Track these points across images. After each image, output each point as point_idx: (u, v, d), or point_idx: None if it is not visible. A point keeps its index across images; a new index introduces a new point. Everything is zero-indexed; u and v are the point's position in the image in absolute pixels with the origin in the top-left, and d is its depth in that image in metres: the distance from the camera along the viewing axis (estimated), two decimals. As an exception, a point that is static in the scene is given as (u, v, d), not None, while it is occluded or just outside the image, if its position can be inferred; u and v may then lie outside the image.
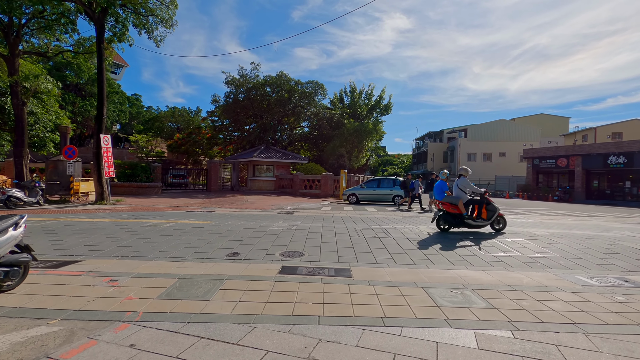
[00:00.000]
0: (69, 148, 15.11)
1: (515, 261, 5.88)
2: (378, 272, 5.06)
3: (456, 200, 8.51)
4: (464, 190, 8.60)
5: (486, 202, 8.51)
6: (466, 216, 8.44)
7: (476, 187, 8.67)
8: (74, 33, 16.75)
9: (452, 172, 48.95)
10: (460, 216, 8.46)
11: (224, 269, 5.01)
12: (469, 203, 8.58)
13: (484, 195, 8.54)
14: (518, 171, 44.25)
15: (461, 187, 8.65)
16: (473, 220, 8.45)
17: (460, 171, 8.91)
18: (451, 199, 8.62)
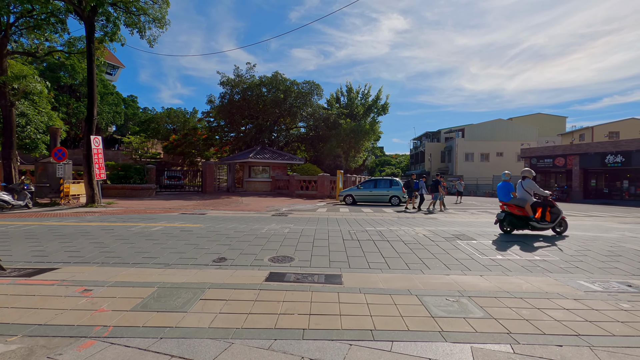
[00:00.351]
0: (59, 150, 14.80)
1: (514, 265, 5.65)
2: (370, 278, 4.82)
3: (523, 202, 8.34)
4: (530, 192, 8.44)
5: (550, 204, 8.33)
6: (532, 218, 8.25)
7: (542, 190, 8.51)
8: (64, 33, 16.47)
9: (449, 172, 48.90)
10: (526, 218, 8.31)
11: (208, 276, 4.75)
12: (533, 205, 8.40)
13: (548, 197, 8.42)
14: (516, 171, 44.11)
15: (527, 189, 8.48)
16: (538, 222, 8.25)
17: (525, 173, 8.71)
18: (517, 201, 8.44)
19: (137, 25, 16.91)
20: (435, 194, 16.17)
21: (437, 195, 16.07)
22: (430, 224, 10.37)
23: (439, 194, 15.98)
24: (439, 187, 16.07)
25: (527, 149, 35.80)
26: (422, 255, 6.22)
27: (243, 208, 15.47)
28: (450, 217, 12.86)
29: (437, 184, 16.34)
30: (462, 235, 8.19)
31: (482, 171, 45.24)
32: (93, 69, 14.97)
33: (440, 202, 16.02)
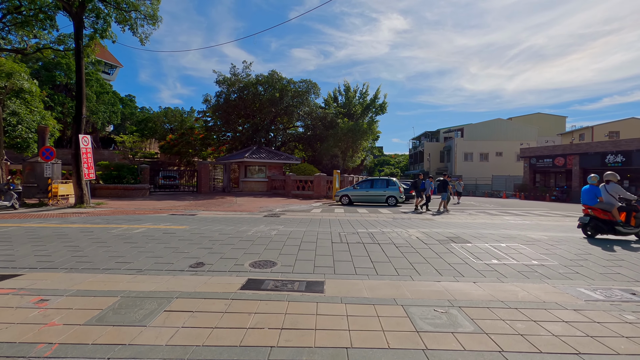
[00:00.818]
0: (47, 149, 14.45)
1: (510, 270, 5.31)
2: (355, 285, 4.48)
3: (609, 207, 8.03)
4: (615, 196, 8.11)
5: (635, 209, 7.99)
6: (619, 223, 7.92)
7: (629, 194, 8.17)
8: (53, 29, 16.12)
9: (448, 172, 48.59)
10: (611, 223, 8.00)
11: (180, 283, 4.42)
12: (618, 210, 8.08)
13: (632, 202, 8.12)
14: (515, 171, 43.80)
15: (612, 193, 8.14)
16: (624, 227, 7.93)
17: (608, 176, 8.35)
18: (604, 205, 8.11)
19: (129, 22, 16.58)
20: (443, 194, 15.78)
21: (444, 195, 15.70)
22: (425, 226, 10.04)
23: (446, 193, 15.64)
24: (449, 187, 15.71)
25: (526, 149, 35.47)
26: (413, 259, 5.88)
27: (236, 209, 15.13)
28: (446, 218, 12.53)
29: (445, 184, 15.91)
30: (457, 237, 7.85)
31: (481, 171, 44.93)
32: (82, 66, 14.62)
33: (443, 202, 15.67)
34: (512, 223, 11.33)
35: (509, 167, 45.46)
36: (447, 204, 15.79)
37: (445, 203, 15.67)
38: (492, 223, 11.25)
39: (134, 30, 16.81)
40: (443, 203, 15.67)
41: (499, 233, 8.66)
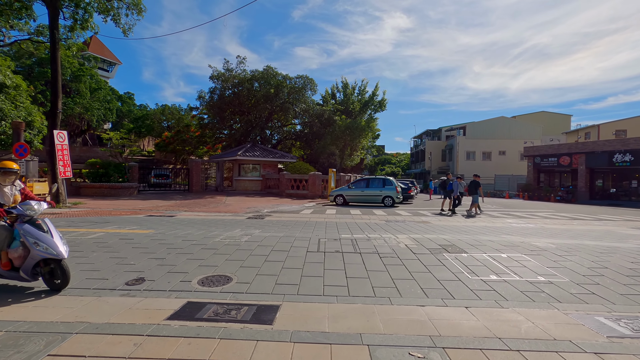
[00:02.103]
0: (20, 145, 13.59)
1: (512, 290, 4.39)
2: (317, 312, 3.59)
3: None
4: None
5: None
6: None
7: None
8: (30, 19, 15.27)
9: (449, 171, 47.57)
10: None
11: (97, 309, 3.54)
12: None
13: None
14: (518, 170, 42.72)
15: None
16: None
17: None
18: None
19: (111, 12, 15.73)
20: (475, 195, 14.62)
21: (475, 197, 14.57)
22: (418, 231, 9.12)
23: (477, 195, 14.54)
24: (479, 189, 14.63)
25: (530, 148, 34.40)
26: (397, 274, 4.97)
27: (221, 209, 14.27)
28: (443, 221, 11.59)
29: (476, 185, 14.70)
30: (451, 246, 6.92)
31: (483, 170, 43.77)
32: (57, 57, 13.78)
33: (476, 205, 14.58)
34: (514, 227, 10.39)
35: (512, 167, 44.37)
36: (478, 206, 14.76)
37: (476, 205, 14.62)
38: (493, 227, 10.31)
39: (116, 20, 15.96)
40: (475, 205, 14.62)
41: (499, 240, 7.73)
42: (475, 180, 15.00)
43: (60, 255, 3.81)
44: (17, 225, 3.90)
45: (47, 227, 3.96)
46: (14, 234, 3.96)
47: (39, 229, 3.88)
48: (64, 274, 3.98)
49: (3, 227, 3.97)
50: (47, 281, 4.01)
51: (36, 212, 3.99)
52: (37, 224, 3.93)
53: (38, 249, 3.75)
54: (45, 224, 3.99)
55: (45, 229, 3.91)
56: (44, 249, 3.76)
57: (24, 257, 3.84)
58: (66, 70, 38.15)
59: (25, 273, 3.86)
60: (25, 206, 3.95)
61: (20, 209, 3.90)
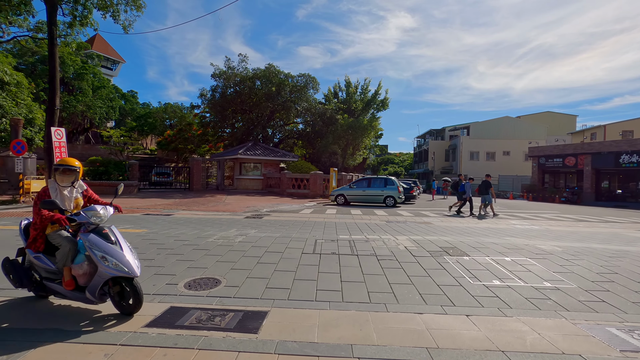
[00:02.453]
0: (18, 142, 13.51)
1: (516, 296, 4.14)
2: (307, 319, 3.36)
3: None
4: None
5: None
6: None
7: None
8: (29, 15, 15.14)
9: (453, 172, 47.15)
10: None
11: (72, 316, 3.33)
12: None
13: None
14: (523, 170, 42.26)
15: None
16: None
17: None
18: None
19: (110, 8, 15.57)
20: (485, 196, 14.23)
21: (487, 197, 14.16)
22: (419, 232, 8.86)
23: (488, 196, 14.15)
24: (491, 190, 14.22)
25: (535, 148, 33.95)
26: (395, 278, 4.73)
27: (219, 208, 14.08)
28: (445, 222, 11.32)
29: (487, 185, 14.30)
30: (452, 248, 6.66)
31: (487, 170, 43.20)
32: (55, 53, 13.64)
33: (491, 205, 14.21)
34: (518, 228, 10.10)
35: (516, 167, 43.89)
36: (492, 207, 14.37)
37: (487, 206, 14.28)
38: (496, 228, 10.03)
39: (115, 17, 15.80)
40: (488, 206, 14.26)
41: (503, 242, 7.45)
42: (486, 180, 14.55)
43: (132, 272, 3.13)
44: (81, 235, 3.25)
45: (115, 237, 3.31)
46: (78, 245, 3.31)
47: (106, 240, 3.21)
48: (137, 294, 3.24)
49: (67, 238, 3.31)
50: (116, 304, 3.33)
51: (102, 218, 3.33)
52: (103, 234, 3.26)
53: (106, 265, 3.08)
54: (113, 233, 3.35)
55: (113, 240, 3.26)
56: (114, 265, 3.09)
57: (90, 274, 3.20)
58: (69, 68, 38.19)
59: (92, 294, 3.18)
60: (90, 212, 3.26)
61: (84, 215, 3.23)
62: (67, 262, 3.24)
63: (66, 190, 3.51)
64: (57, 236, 3.33)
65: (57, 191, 3.45)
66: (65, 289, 3.25)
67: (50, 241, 3.39)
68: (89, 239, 3.18)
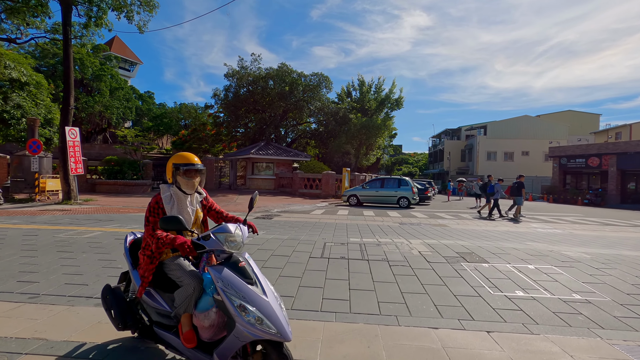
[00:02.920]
0: (34, 142, 13.71)
1: (542, 310, 3.75)
2: (311, 332, 3.08)
3: None
4: None
5: None
6: None
7: None
8: (45, 17, 15.37)
9: (469, 172, 46.11)
10: None
11: (64, 322, 3.14)
12: None
13: None
14: (543, 171, 40.93)
15: None
16: None
17: None
18: None
19: (124, 9, 15.67)
20: (517, 197, 13.44)
21: (519, 199, 13.41)
22: (434, 235, 8.46)
23: (521, 198, 13.40)
24: (522, 191, 13.47)
25: (556, 148, 32.76)
26: (408, 287, 4.40)
27: (230, 208, 13.95)
28: (462, 225, 10.85)
29: (519, 186, 13.57)
30: (470, 254, 6.26)
31: (505, 171, 42.11)
32: (70, 54, 13.78)
33: (518, 208, 13.41)
34: (540, 232, 9.56)
35: (536, 168, 42.53)
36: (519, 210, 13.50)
37: (518, 209, 13.43)
38: (517, 232, 9.52)
39: (129, 17, 15.90)
40: (516, 208, 13.46)
41: (525, 248, 6.99)
42: (520, 181, 13.75)
43: (283, 335, 2.03)
44: (210, 269, 2.17)
45: (254, 273, 2.20)
46: (204, 282, 2.27)
47: (244, 278, 2.12)
48: None
49: (190, 273, 2.30)
50: None
51: (238, 244, 2.24)
52: (239, 269, 2.16)
53: (247, 321, 1.98)
54: (251, 268, 2.23)
55: (252, 279, 2.16)
56: (257, 322, 1.98)
57: (218, 325, 2.21)
58: (88, 70, 39.04)
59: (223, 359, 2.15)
60: (223, 234, 2.18)
61: (215, 240, 2.16)
62: (188, 307, 2.24)
63: (187, 199, 2.57)
64: (176, 267, 2.35)
65: (174, 201, 2.48)
66: (184, 345, 2.23)
67: (166, 272, 2.42)
68: (223, 276, 2.09)
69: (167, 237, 2.22)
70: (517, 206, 13.47)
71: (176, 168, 2.49)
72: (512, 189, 13.91)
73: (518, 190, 13.54)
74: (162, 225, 2.13)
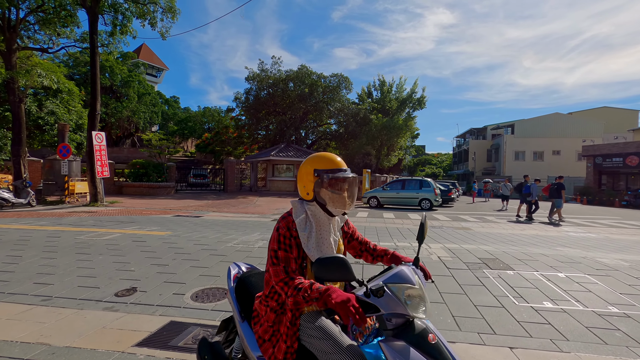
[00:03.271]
0: (64, 146, 14.31)
1: (573, 324, 3.41)
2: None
3: None
4: None
5: None
6: None
7: None
8: (74, 26, 16.06)
9: (496, 173, 44.51)
10: None
11: (70, 327, 3.13)
12: None
13: None
14: (575, 171, 38.89)
15: None
16: None
17: None
18: None
19: (148, 16, 16.15)
20: (557, 200, 12.70)
21: (558, 202, 12.69)
22: (456, 239, 8.08)
23: (560, 200, 12.67)
24: (563, 193, 12.75)
25: (590, 147, 31.01)
26: (424, 295, 4.14)
27: (249, 210, 14.01)
28: (487, 228, 10.36)
29: (559, 188, 12.84)
30: (493, 260, 5.89)
31: (534, 172, 40.25)
32: (96, 61, 14.28)
33: (558, 211, 12.74)
34: (572, 237, 8.96)
35: (568, 168, 40.45)
36: (559, 213, 12.81)
37: (558, 211, 12.75)
38: (546, 236, 8.97)
39: (152, 24, 16.36)
40: (556, 211, 12.78)
41: (554, 254, 6.53)
42: (559, 182, 12.97)
43: None
44: (385, 346, 1.38)
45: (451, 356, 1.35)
46: None
47: None
48: None
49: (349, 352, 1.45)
50: None
51: (422, 301, 1.44)
52: (431, 347, 1.34)
53: None
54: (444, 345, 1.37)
55: None
56: None
57: None
58: (117, 77, 40.65)
59: None
60: (402, 286, 1.43)
61: (392, 295, 1.41)
62: None
63: (330, 224, 1.78)
64: (318, 333, 1.56)
65: (313, 227, 1.68)
66: None
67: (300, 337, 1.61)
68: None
69: (313, 288, 1.44)
70: (557, 209, 12.66)
71: (318, 175, 1.69)
72: (551, 190, 13.09)
73: (558, 192, 12.71)
74: (317, 272, 1.39)
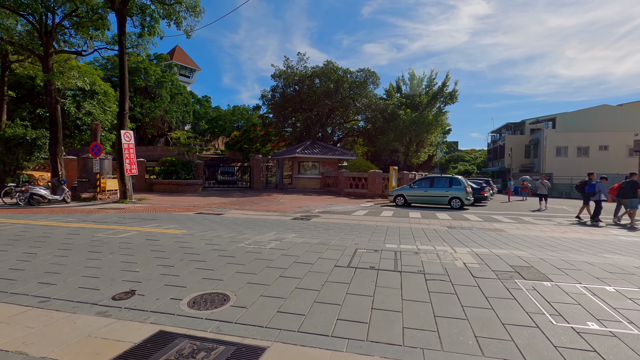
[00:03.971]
0: (95, 145, 14.87)
1: (625, 352, 2.82)
2: (311, 366, 2.56)
3: None
4: None
5: None
6: None
7: None
8: (105, 29, 16.60)
9: (534, 169, 41.93)
10: None
11: (55, 333, 2.98)
12: None
13: None
14: (626, 168, 35.72)
15: None
16: None
17: None
18: None
19: (173, 16, 16.41)
20: (631, 200, 11.28)
21: (633, 202, 11.26)
22: (486, 242, 7.41)
23: (636, 200, 11.21)
24: (638, 191, 11.20)
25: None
26: (443, 308, 3.66)
27: (271, 208, 13.88)
28: (522, 230, 9.52)
29: (633, 186, 11.33)
30: (528, 268, 5.25)
31: (578, 168, 37.51)
32: (124, 61, 14.67)
33: (632, 212, 11.28)
34: (623, 241, 7.98)
35: (616, 164, 37.30)
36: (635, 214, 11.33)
37: (633, 213, 11.30)
38: (591, 240, 8.05)
39: (178, 24, 16.60)
40: (631, 212, 11.35)
41: (602, 262, 5.75)
42: (633, 180, 11.46)
43: None
44: None
45: None
46: None
47: None
48: None
49: None
50: None
51: None
52: None
53: None
54: None
55: None
56: None
57: None
58: (151, 78, 42.20)
59: None
60: None
61: None
62: None
63: None
64: None
65: None
66: None
67: None
68: None
69: None
70: (632, 210, 11.22)
71: None
72: (623, 189, 11.69)
73: (633, 191, 11.21)
74: None
